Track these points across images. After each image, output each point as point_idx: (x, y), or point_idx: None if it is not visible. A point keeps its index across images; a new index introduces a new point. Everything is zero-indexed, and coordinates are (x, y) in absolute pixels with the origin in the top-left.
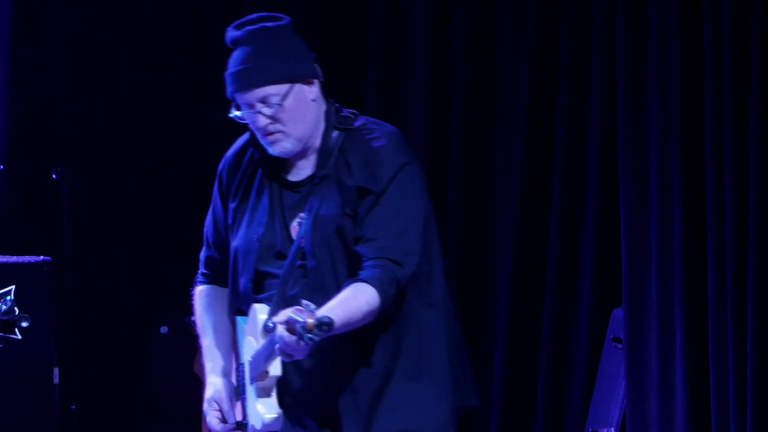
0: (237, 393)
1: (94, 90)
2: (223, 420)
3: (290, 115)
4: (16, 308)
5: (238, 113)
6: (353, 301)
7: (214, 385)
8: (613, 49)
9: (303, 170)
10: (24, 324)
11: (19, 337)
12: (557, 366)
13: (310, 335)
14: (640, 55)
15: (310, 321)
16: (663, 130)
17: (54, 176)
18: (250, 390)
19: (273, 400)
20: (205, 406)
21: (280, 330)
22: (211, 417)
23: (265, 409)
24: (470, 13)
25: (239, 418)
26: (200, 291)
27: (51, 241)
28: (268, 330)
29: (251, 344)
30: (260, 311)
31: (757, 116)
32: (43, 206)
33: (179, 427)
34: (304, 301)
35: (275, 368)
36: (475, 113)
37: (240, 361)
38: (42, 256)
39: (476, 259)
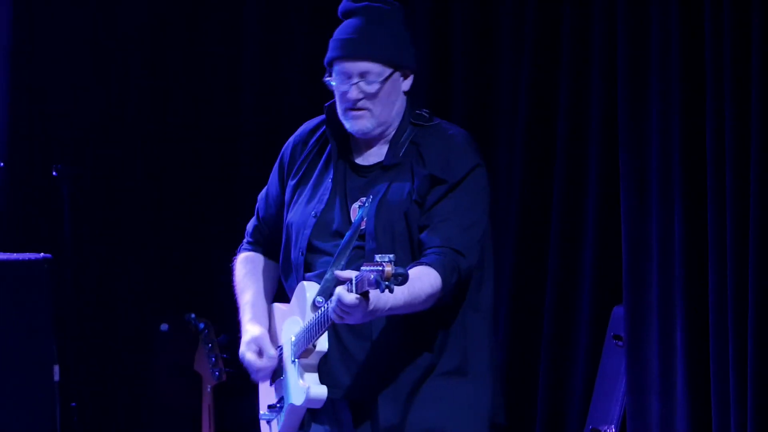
0: (273, 376)
1: (94, 88)
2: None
3: (382, 98)
4: None
5: (330, 79)
6: (417, 282)
7: (251, 331)
8: (613, 48)
9: (372, 157)
10: None
11: None
12: (557, 364)
13: (387, 283)
14: (640, 54)
15: (389, 269)
16: (663, 129)
17: (54, 174)
18: (291, 368)
19: (317, 376)
20: (242, 348)
21: (339, 290)
22: (249, 354)
23: (310, 382)
24: (470, 12)
25: (273, 401)
26: (244, 256)
27: (51, 239)
28: (318, 306)
29: (296, 323)
30: (309, 289)
31: (758, 116)
32: (43, 204)
33: (179, 424)
34: (378, 255)
35: (322, 343)
36: (475, 113)
37: (277, 344)
38: (42, 254)
39: None
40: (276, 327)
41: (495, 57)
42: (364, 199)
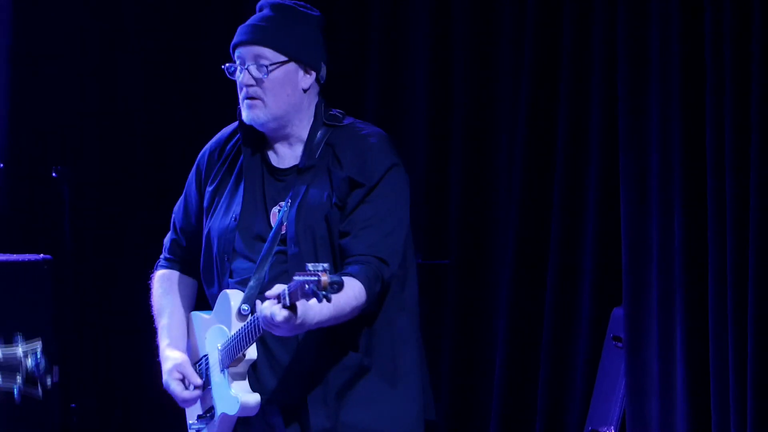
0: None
1: (95, 89)
2: (186, 386)
3: (272, 86)
4: (43, 362)
5: (228, 64)
6: (342, 296)
7: (172, 358)
8: (613, 48)
9: (288, 159)
10: (48, 381)
11: (41, 395)
12: (557, 365)
13: (324, 292)
14: (640, 54)
15: (324, 278)
16: (663, 130)
17: (54, 175)
18: (219, 378)
19: (247, 384)
20: (165, 377)
21: (267, 305)
22: (174, 384)
23: (241, 391)
24: (471, 13)
25: (200, 410)
26: (161, 275)
27: (51, 240)
28: (243, 314)
29: (222, 332)
30: (233, 297)
31: (758, 116)
32: (43, 204)
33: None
34: (311, 264)
35: (251, 351)
36: (475, 113)
37: (201, 354)
38: (42, 255)
39: (476, 259)
40: (197, 337)
41: (495, 58)
42: (282, 203)
